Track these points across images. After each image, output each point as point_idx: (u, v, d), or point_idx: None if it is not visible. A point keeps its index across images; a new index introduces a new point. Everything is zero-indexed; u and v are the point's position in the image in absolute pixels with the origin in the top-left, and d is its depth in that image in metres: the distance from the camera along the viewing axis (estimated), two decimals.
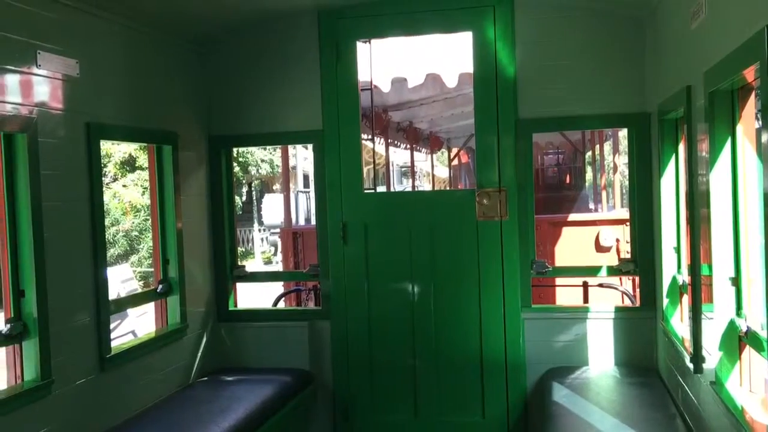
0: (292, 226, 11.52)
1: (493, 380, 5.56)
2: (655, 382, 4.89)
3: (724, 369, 3.36)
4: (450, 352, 5.64)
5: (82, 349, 4.27)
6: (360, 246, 5.72)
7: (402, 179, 32.97)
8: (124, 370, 4.65)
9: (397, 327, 5.71)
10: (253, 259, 26.97)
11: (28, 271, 3.84)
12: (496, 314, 5.53)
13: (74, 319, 4.21)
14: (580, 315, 5.48)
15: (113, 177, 22.14)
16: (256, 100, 5.80)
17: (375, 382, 5.75)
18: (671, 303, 4.83)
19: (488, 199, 5.50)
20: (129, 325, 12.97)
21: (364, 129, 7.16)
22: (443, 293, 5.64)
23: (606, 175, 15.16)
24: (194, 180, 5.66)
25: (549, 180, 21.57)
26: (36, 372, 3.86)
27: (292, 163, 23.03)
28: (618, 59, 5.29)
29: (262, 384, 5.31)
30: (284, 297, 8.49)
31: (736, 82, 3.15)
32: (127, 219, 21.78)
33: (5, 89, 3.76)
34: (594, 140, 15.67)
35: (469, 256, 5.57)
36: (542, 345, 5.47)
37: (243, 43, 5.79)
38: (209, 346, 5.75)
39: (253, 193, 31.82)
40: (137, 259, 21.61)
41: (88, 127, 4.37)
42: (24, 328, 3.84)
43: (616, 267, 5.61)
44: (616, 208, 13.19)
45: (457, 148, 20.70)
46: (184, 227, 5.39)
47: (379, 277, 5.72)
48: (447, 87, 8.54)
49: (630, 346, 5.34)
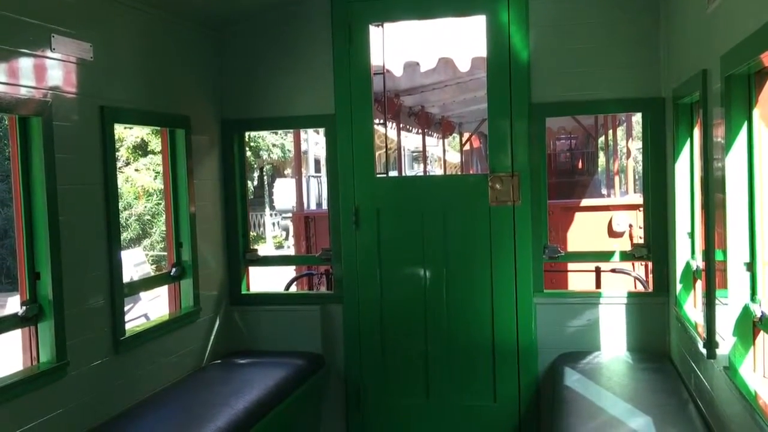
0: (303, 210, 11.53)
1: (504, 364, 5.57)
2: (667, 368, 4.88)
3: (737, 354, 3.36)
4: (462, 337, 5.65)
5: (97, 332, 4.31)
6: (372, 230, 5.72)
7: (413, 164, 32.94)
8: (138, 353, 4.69)
9: (409, 311, 5.73)
10: (265, 244, 27.06)
11: (43, 253, 3.87)
12: (509, 299, 5.53)
13: (89, 301, 4.24)
14: (592, 300, 5.47)
15: (126, 161, 22.21)
16: (268, 84, 5.80)
17: (387, 366, 5.77)
18: (684, 288, 4.82)
19: (501, 184, 5.49)
20: (142, 308, 13.05)
21: (376, 113, 7.14)
22: (455, 278, 5.64)
23: (619, 160, 15.08)
24: (207, 164, 5.67)
25: (561, 165, 21.49)
26: (52, 354, 3.90)
27: (304, 147, 23.03)
28: (632, 43, 5.25)
29: (274, 367, 5.34)
30: (296, 281, 8.52)
31: (752, 66, 3.12)
32: (140, 203, 21.87)
33: (20, 73, 3.77)
34: (607, 125, 15.59)
35: (482, 240, 5.56)
36: (554, 330, 5.47)
37: (256, 26, 5.78)
38: (222, 329, 5.78)
39: (264, 178, 31.86)
40: (150, 243, 21.72)
41: (102, 111, 4.38)
42: (39, 310, 3.87)
43: (629, 252, 5.59)
44: (629, 194, 13.12)
45: (468, 133, 20.63)
46: (197, 211, 5.41)
47: (391, 262, 5.73)
48: (459, 71, 8.50)
49: (642, 332, 5.33)
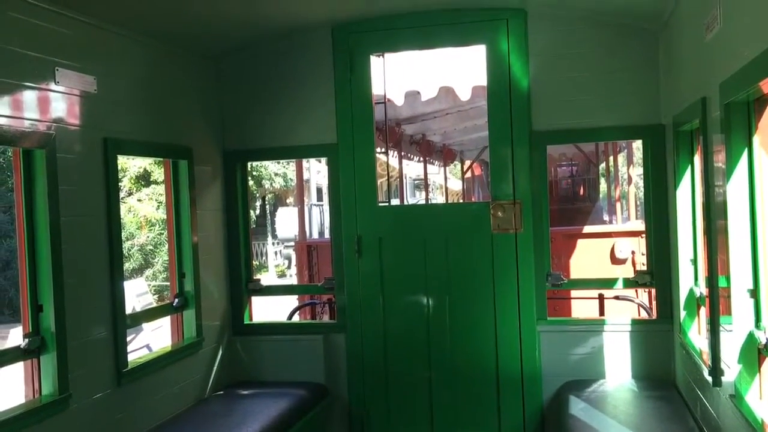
0: (306, 239, 11.53)
1: (509, 393, 5.53)
2: (673, 396, 4.85)
3: (743, 382, 3.33)
4: (466, 365, 5.62)
5: (100, 364, 4.29)
6: (375, 259, 5.72)
7: (415, 192, 32.99)
8: (140, 384, 4.67)
9: (412, 340, 5.70)
10: (267, 273, 27.01)
11: (46, 285, 3.87)
12: (512, 327, 5.51)
13: (91, 333, 4.23)
14: (596, 327, 5.45)
15: (128, 191, 22.27)
16: (270, 114, 5.83)
17: (390, 396, 5.74)
18: (689, 315, 4.80)
19: (503, 212, 5.50)
20: (144, 338, 12.99)
21: (378, 142, 7.18)
22: (458, 306, 5.63)
23: (620, 186, 15.10)
24: (209, 194, 5.69)
25: (563, 192, 21.50)
26: (54, 386, 3.88)
27: (306, 176, 23.09)
28: (632, 71, 5.29)
29: (277, 398, 5.31)
30: (299, 310, 8.49)
31: (752, 93, 3.14)
32: (142, 233, 21.88)
33: (24, 105, 3.80)
34: (608, 152, 15.63)
35: (484, 268, 5.56)
36: (558, 358, 5.44)
37: (257, 57, 5.83)
38: (225, 359, 5.76)
39: (266, 207, 31.90)
40: (152, 273, 21.69)
41: (106, 143, 4.41)
42: (42, 342, 3.87)
43: (633, 279, 5.59)
44: (631, 220, 13.12)
45: (470, 161, 20.67)
46: (199, 241, 5.41)
47: (394, 290, 5.72)
48: (460, 100, 8.54)
49: (647, 359, 5.30)
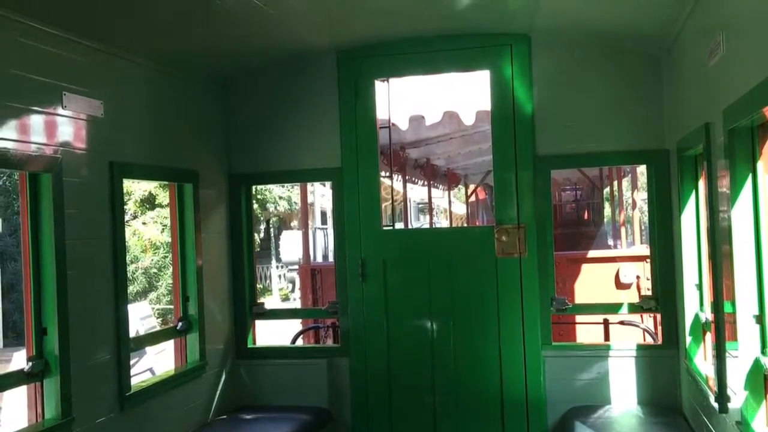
0: (310, 262, 11.53)
1: (513, 419, 5.49)
2: (679, 422, 4.81)
3: (750, 408, 3.31)
4: (470, 390, 5.58)
5: (103, 388, 4.28)
6: (379, 283, 5.71)
7: (419, 216, 32.99)
8: (143, 409, 4.65)
9: (416, 364, 5.68)
10: (271, 296, 26.98)
11: (50, 308, 3.87)
12: (517, 352, 5.49)
13: (95, 356, 4.23)
14: (601, 353, 5.43)
15: (133, 215, 22.33)
16: (275, 138, 5.85)
17: (394, 420, 5.70)
18: (694, 341, 4.78)
19: (507, 236, 5.50)
20: (147, 362, 12.99)
21: (382, 166, 7.20)
22: (463, 330, 5.61)
23: (625, 211, 15.09)
24: (214, 218, 5.70)
25: (567, 216, 21.49)
26: (57, 410, 3.87)
27: (310, 200, 23.14)
28: (636, 96, 5.31)
29: (280, 422, 5.28)
30: (303, 334, 8.47)
31: (755, 119, 3.15)
32: (147, 256, 21.91)
33: (31, 129, 3.83)
34: (612, 176, 15.63)
35: (489, 292, 5.55)
36: (564, 383, 5.41)
37: (263, 82, 5.87)
38: (228, 383, 5.74)
39: (271, 230, 31.94)
40: (156, 297, 21.69)
41: (112, 167, 4.43)
42: (46, 365, 3.86)
43: (638, 304, 5.56)
44: (636, 245, 13.09)
45: (474, 185, 20.71)
46: (204, 264, 5.42)
47: (398, 314, 5.71)
48: (464, 124, 8.59)
49: (653, 385, 5.27)
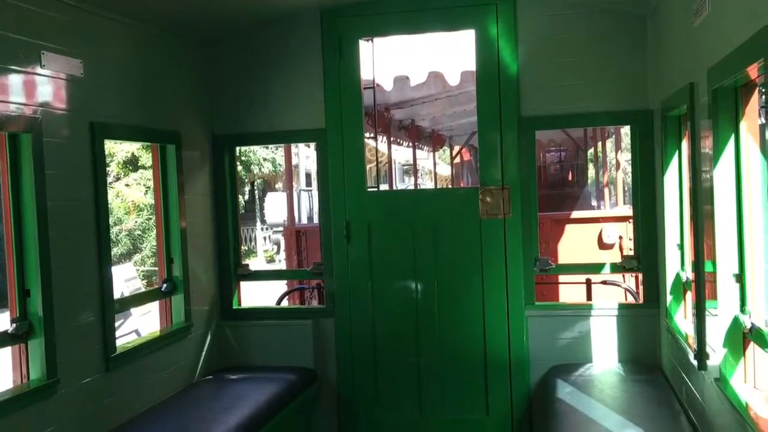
0: (295, 224, 11.52)
1: (497, 378, 5.57)
2: (658, 379, 4.89)
3: (728, 366, 3.37)
4: (454, 350, 5.64)
5: (88, 349, 4.29)
6: (364, 244, 5.73)
7: (404, 177, 32.98)
8: (129, 369, 4.67)
9: (401, 325, 5.72)
10: (256, 258, 27.00)
11: (33, 270, 3.85)
12: (500, 312, 5.54)
13: (79, 318, 4.23)
14: (583, 312, 5.49)
15: (116, 176, 22.16)
16: (259, 99, 5.81)
17: (379, 380, 5.76)
18: (675, 300, 4.84)
19: (491, 197, 5.51)
20: (132, 324, 12.99)
21: (367, 127, 7.16)
22: (447, 291, 5.65)
23: (608, 172, 15.15)
24: (198, 179, 5.67)
25: (551, 177, 21.52)
26: (42, 371, 3.88)
27: (295, 161, 23.04)
28: (620, 56, 5.30)
29: (266, 382, 5.32)
30: (288, 296, 8.50)
31: (739, 79, 3.15)
32: (130, 218, 21.80)
33: (9, 89, 3.77)
34: (596, 137, 15.65)
35: (473, 253, 5.58)
36: (546, 342, 5.48)
37: (246, 41, 5.80)
38: (213, 344, 5.76)
39: (255, 192, 31.83)
40: (140, 258, 21.64)
41: (93, 127, 4.38)
42: (29, 327, 3.86)
43: (620, 264, 5.62)
44: (619, 205, 13.18)
45: (459, 146, 20.68)
46: (188, 226, 5.40)
47: (382, 275, 5.73)
48: (449, 85, 8.53)
49: (634, 343, 5.35)
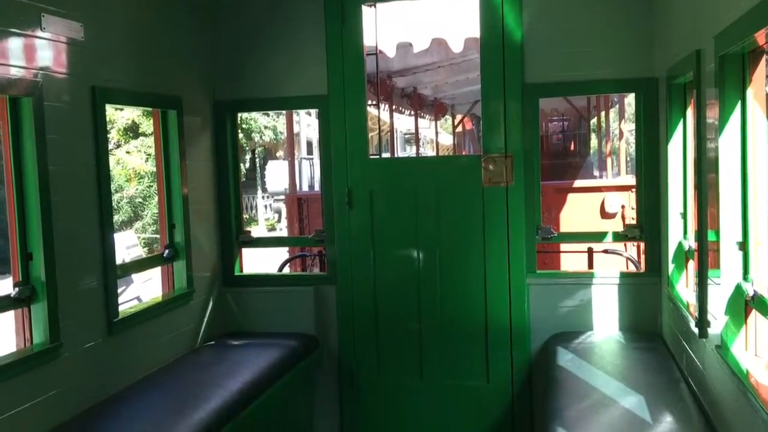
0: (296, 192, 11.52)
1: (497, 345, 5.59)
2: (659, 347, 4.91)
3: (729, 333, 3.38)
4: (455, 318, 5.66)
5: (90, 313, 4.30)
6: (365, 212, 5.72)
7: (406, 146, 32.91)
8: (131, 334, 4.69)
9: (402, 292, 5.74)
10: (257, 226, 27.03)
11: (35, 234, 3.85)
12: (501, 279, 5.55)
13: (82, 283, 4.23)
14: (585, 280, 5.49)
15: (116, 143, 22.11)
16: (261, 65, 5.77)
17: (380, 347, 5.79)
18: (677, 268, 4.84)
19: (494, 165, 5.49)
20: (134, 291, 13.05)
21: (369, 95, 7.12)
22: (448, 258, 5.65)
23: (611, 142, 15.11)
24: (199, 145, 5.65)
25: (553, 147, 21.51)
26: (45, 335, 3.89)
27: (296, 129, 22.96)
28: (626, 24, 5.24)
29: (268, 348, 5.35)
30: (289, 263, 8.52)
31: (746, 45, 3.12)
32: (131, 185, 21.79)
33: (9, 53, 3.74)
34: (599, 107, 15.59)
35: (475, 221, 5.57)
36: (547, 310, 5.49)
37: (248, 6, 5.74)
38: (215, 310, 5.78)
39: (256, 160, 31.78)
40: (141, 226, 21.67)
41: (93, 91, 4.35)
42: (32, 291, 3.86)
43: (622, 233, 5.61)
44: (621, 175, 13.16)
45: (461, 115, 20.60)
46: (189, 192, 5.39)
47: (384, 243, 5.73)
48: (452, 52, 8.48)
49: (635, 312, 5.36)
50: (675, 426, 3.53)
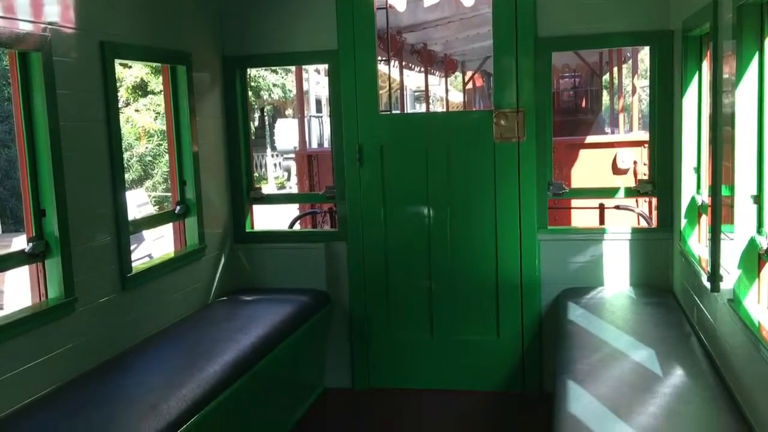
0: (306, 149, 11.49)
1: (508, 300, 5.62)
2: (670, 302, 4.92)
3: (742, 286, 3.37)
4: (466, 273, 5.68)
5: (104, 269, 4.33)
6: (376, 168, 5.70)
7: (415, 104, 32.67)
8: (144, 290, 4.72)
9: (413, 248, 5.75)
10: (267, 185, 27.05)
11: (48, 190, 3.86)
12: (512, 235, 5.54)
13: (95, 238, 4.25)
14: (596, 236, 5.49)
15: (125, 102, 22.05)
16: (270, 20, 5.70)
17: (391, 303, 5.82)
18: (689, 223, 4.82)
19: (506, 120, 5.45)
20: (146, 248, 13.14)
21: (379, 51, 7.05)
22: (459, 214, 5.65)
23: (623, 98, 14.95)
24: (209, 102, 5.62)
25: (564, 104, 21.31)
26: (60, 290, 3.93)
27: (305, 87, 22.83)
28: None
29: (280, 304, 5.39)
30: (299, 220, 8.54)
31: None
32: (141, 144, 21.79)
33: (18, 7, 3.70)
34: (612, 62, 15.39)
35: (486, 177, 5.55)
36: (558, 266, 5.50)
37: None
38: (227, 267, 5.81)
39: (265, 119, 31.67)
40: (152, 185, 21.71)
41: (102, 46, 4.32)
42: (46, 246, 3.88)
43: (634, 188, 5.59)
44: (634, 131, 13.06)
45: (471, 71, 20.41)
46: (200, 149, 5.38)
47: (395, 199, 5.73)
48: (463, 6, 8.37)
49: (646, 267, 5.36)
50: (685, 379, 3.55)
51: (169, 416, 3.54)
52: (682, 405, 3.28)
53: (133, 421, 3.41)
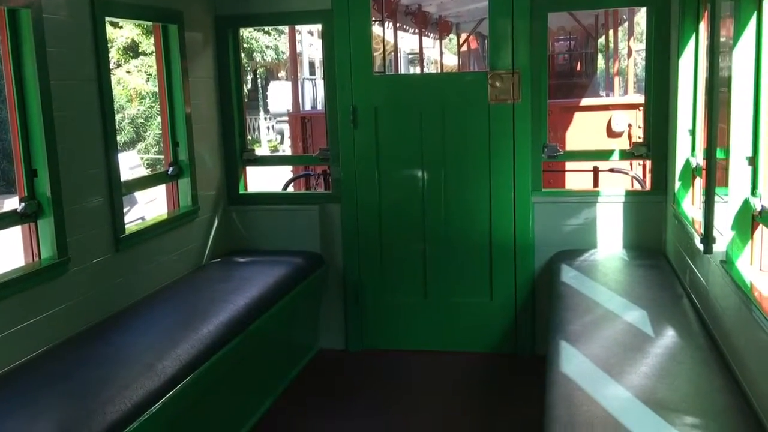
0: (300, 111, 11.41)
1: (501, 263, 5.63)
2: (662, 265, 4.94)
3: (735, 248, 3.39)
4: (459, 235, 5.68)
5: (97, 229, 4.32)
6: (370, 130, 5.67)
7: (409, 67, 32.42)
8: (138, 251, 4.72)
9: (407, 210, 5.74)
10: (260, 147, 26.91)
11: (39, 150, 3.83)
12: (506, 198, 5.54)
13: (88, 199, 4.23)
14: (590, 199, 5.49)
15: (116, 63, 21.80)
16: None
17: (385, 265, 5.83)
18: (683, 186, 4.83)
19: (501, 82, 5.41)
20: (138, 211, 13.09)
21: (373, 13, 6.96)
22: (453, 177, 5.63)
23: (619, 61, 14.86)
24: (201, 62, 5.55)
25: (559, 67, 21.18)
26: (53, 250, 3.92)
27: (298, 49, 22.59)
28: None
29: (274, 265, 5.39)
30: (293, 182, 8.51)
31: None
32: (133, 106, 21.60)
33: None
34: (607, 25, 15.28)
35: (481, 139, 5.52)
36: (551, 228, 5.51)
37: None
38: (221, 228, 5.81)
39: (258, 81, 31.39)
40: (144, 147, 21.58)
41: (93, 3, 4.25)
42: (38, 207, 3.87)
43: (629, 151, 5.58)
44: (629, 94, 13.01)
45: (466, 34, 20.22)
46: (192, 110, 5.33)
47: (389, 161, 5.71)
48: None
49: (639, 230, 5.37)
50: (677, 339, 3.58)
51: (165, 375, 3.56)
52: (673, 365, 3.31)
53: (129, 380, 3.42)
